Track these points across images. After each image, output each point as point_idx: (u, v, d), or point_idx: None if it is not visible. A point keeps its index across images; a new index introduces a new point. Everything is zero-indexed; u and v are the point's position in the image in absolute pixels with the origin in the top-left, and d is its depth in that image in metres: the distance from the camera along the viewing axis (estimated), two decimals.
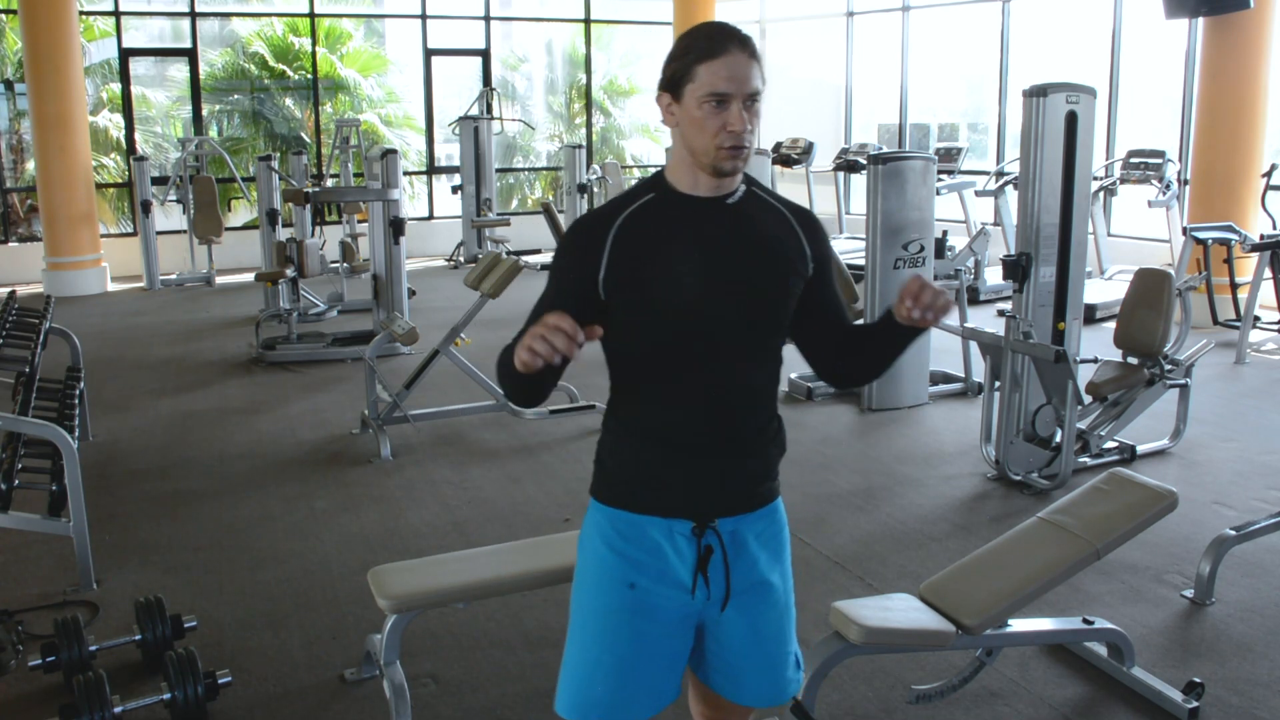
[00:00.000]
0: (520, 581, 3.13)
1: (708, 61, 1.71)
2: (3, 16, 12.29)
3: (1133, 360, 5.23)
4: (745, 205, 1.84)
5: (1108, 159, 10.07)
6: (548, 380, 1.77)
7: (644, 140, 15.91)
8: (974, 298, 8.88)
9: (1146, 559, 4.01)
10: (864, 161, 7.17)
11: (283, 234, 9.30)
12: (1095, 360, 5.33)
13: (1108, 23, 10.39)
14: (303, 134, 13.95)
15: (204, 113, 12.88)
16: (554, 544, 3.29)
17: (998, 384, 4.99)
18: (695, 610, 1.87)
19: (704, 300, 1.78)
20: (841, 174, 12.10)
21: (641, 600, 1.85)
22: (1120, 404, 5.18)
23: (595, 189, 12.34)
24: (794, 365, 6.80)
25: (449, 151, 13.74)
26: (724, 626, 1.90)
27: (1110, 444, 5.20)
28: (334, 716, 3.08)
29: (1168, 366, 5.16)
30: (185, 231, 11.36)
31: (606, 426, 1.94)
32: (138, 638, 3.27)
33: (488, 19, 13.57)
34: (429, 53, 13.36)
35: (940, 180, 8.34)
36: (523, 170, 15.80)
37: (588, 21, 14.27)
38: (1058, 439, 4.90)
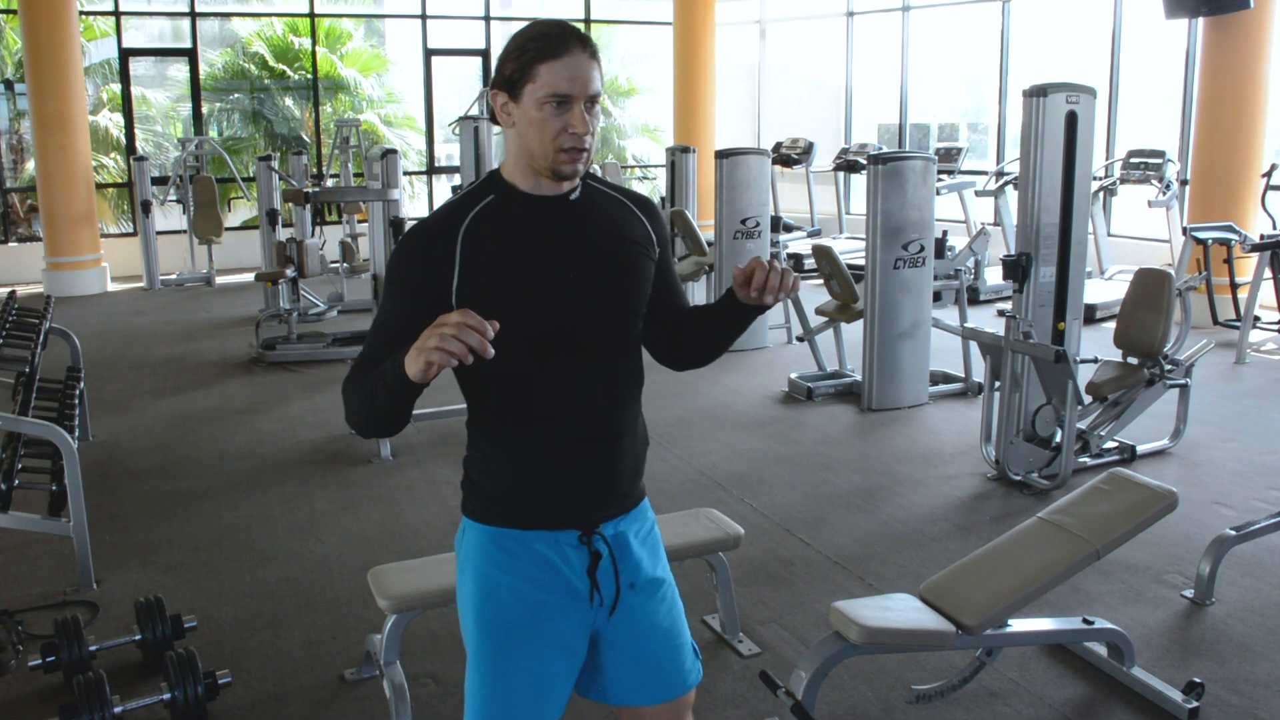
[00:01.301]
0: None
1: (549, 61, 1.65)
2: (3, 17, 12.30)
3: (1133, 360, 5.23)
4: (587, 199, 1.80)
5: (1108, 159, 10.07)
6: (412, 402, 1.65)
7: (644, 140, 15.91)
8: (974, 298, 8.88)
9: (1146, 559, 4.01)
10: (864, 161, 7.17)
11: (283, 234, 9.31)
12: (1095, 360, 5.33)
13: (1108, 23, 10.39)
14: (303, 134, 13.96)
15: (204, 112, 12.88)
16: None
17: (998, 384, 4.99)
18: (589, 619, 1.83)
19: (563, 299, 1.73)
20: (841, 174, 12.10)
21: (536, 611, 1.78)
22: (1120, 404, 5.18)
23: None
24: (794, 365, 6.81)
25: (449, 151, 13.74)
26: (617, 631, 1.85)
27: (1110, 444, 5.20)
28: (334, 716, 3.08)
29: (1168, 366, 5.16)
30: (185, 231, 11.37)
31: (473, 443, 1.85)
32: (138, 638, 3.27)
33: (488, 19, 13.57)
34: (429, 53, 13.36)
35: (940, 180, 8.35)
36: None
37: (588, 21, 14.27)
38: (1058, 439, 4.90)
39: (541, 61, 1.65)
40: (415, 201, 13.78)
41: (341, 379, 1.78)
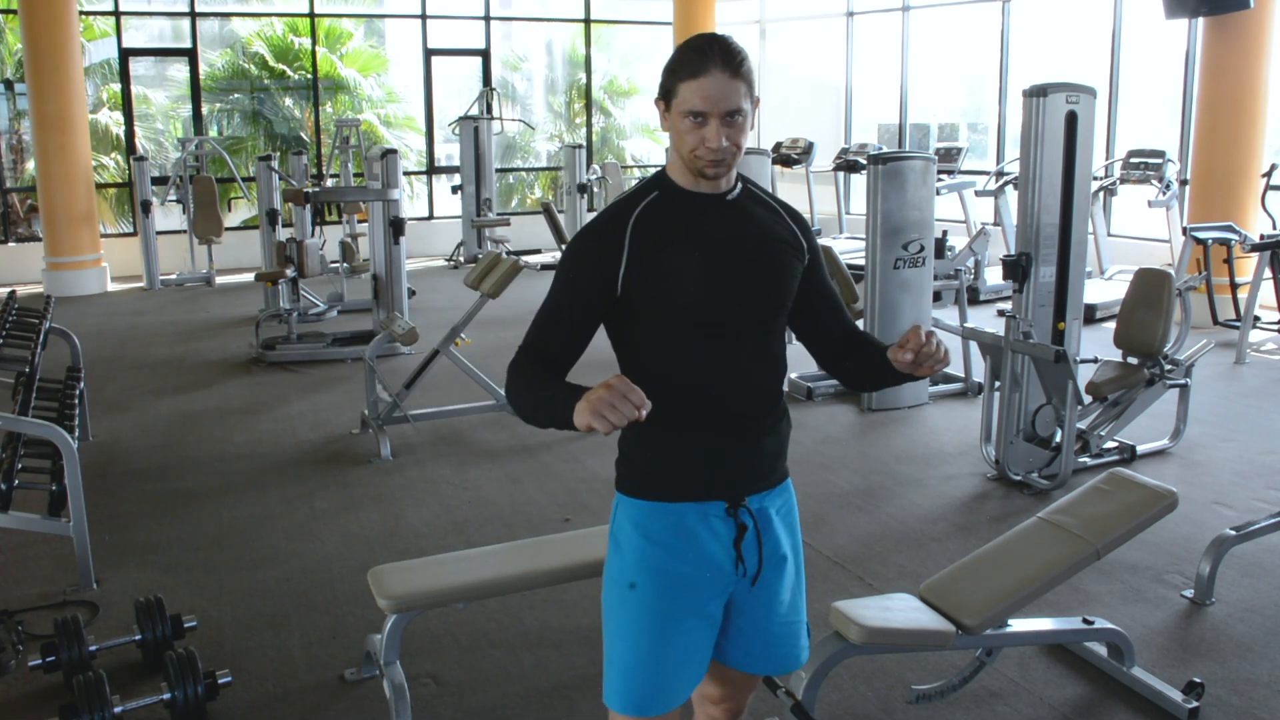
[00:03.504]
0: (520, 581, 3.13)
1: (688, 80, 1.79)
2: (3, 17, 12.30)
3: (1133, 360, 5.23)
4: (743, 200, 1.95)
5: (1108, 159, 10.07)
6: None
7: (644, 140, 15.91)
8: (974, 298, 8.88)
9: (1146, 559, 4.01)
10: (864, 161, 7.17)
11: (283, 234, 9.31)
12: (1095, 360, 5.34)
13: (1108, 23, 10.39)
14: (303, 134, 13.95)
15: (204, 112, 12.88)
16: (554, 544, 3.29)
17: (998, 384, 4.99)
18: (730, 588, 1.95)
19: (716, 289, 1.87)
20: (841, 174, 12.10)
21: (685, 587, 1.91)
22: (1120, 404, 5.18)
23: (595, 189, 12.34)
24: (794, 365, 6.81)
25: (449, 151, 13.74)
26: (750, 601, 1.98)
27: (1110, 444, 5.20)
28: (334, 716, 3.08)
29: (1168, 366, 5.16)
30: (185, 231, 11.36)
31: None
32: (138, 638, 3.27)
33: (488, 19, 13.57)
34: (429, 53, 13.36)
35: (940, 180, 8.34)
36: (523, 170, 15.81)
37: (588, 21, 14.28)
38: (1058, 439, 4.90)
39: (683, 80, 1.80)
40: (415, 202, 13.78)
41: (341, 379, 1.81)
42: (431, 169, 13.72)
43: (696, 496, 1.92)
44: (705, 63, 1.78)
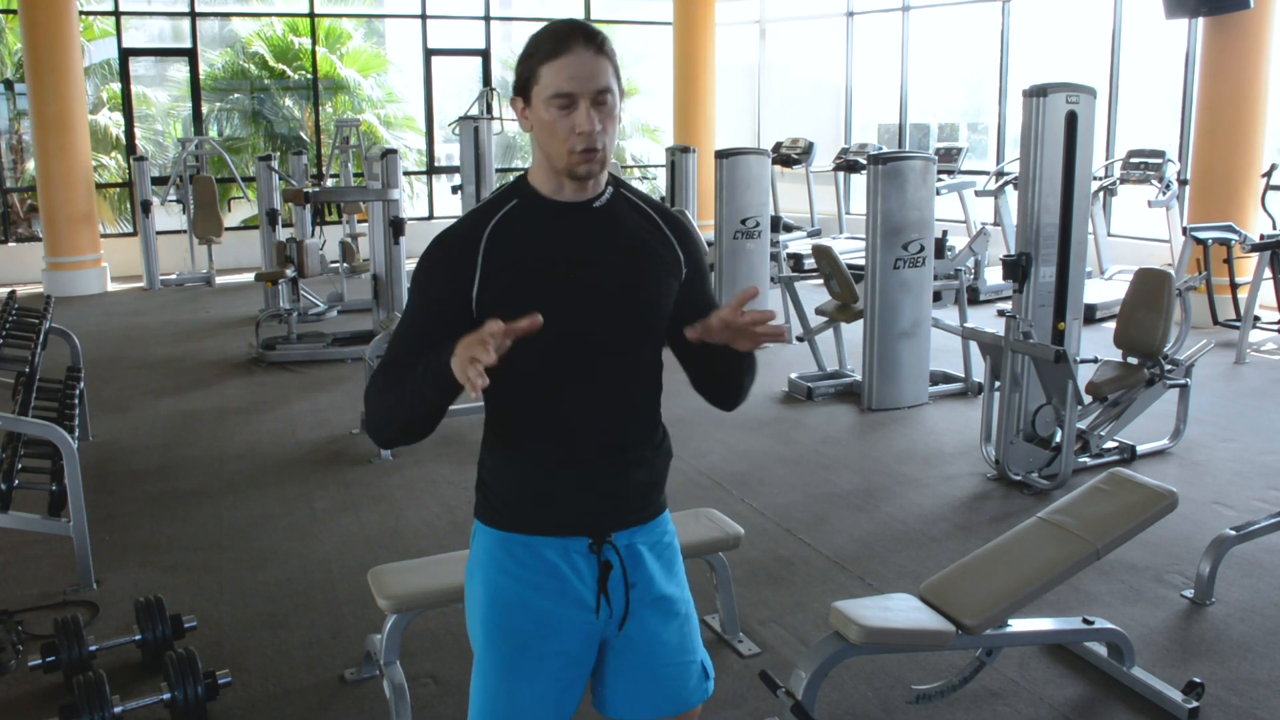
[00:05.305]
0: None
1: (550, 61, 1.63)
2: (3, 16, 12.30)
3: (1133, 360, 5.23)
4: (613, 208, 1.77)
5: (1108, 159, 10.07)
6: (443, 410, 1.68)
7: (644, 140, 15.91)
8: (974, 298, 8.88)
9: (1146, 559, 4.01)
10: (864, 161, 7.17)
11: (283, 234, 9.31)
12: (1095, 360, 5.33)
13: (1108, 23, 10.39)
14: (303, 134, 13.96)
15: (204, 112, 12.88)
16: None
17: (998, 384, 4.99)
18: (598, 630, 1.80)
19: (581, 308, 1.71)
20: (841, 174, 12.10)
21: (543, 622, 1.77)
22: (1120, 404, 5.18)
23: None
24: (794, 366, 6.81)
25: (449, 151, 13.74)
26: (625, 643, 1.83)
27: (1110, 444, 5.20)
28: (334, 716, 3.08)
29: (1168, 366, 5.16)
30: (185, 231, 11.36)
31: (487, 444, 1.84)
32: (138, 638, 3.27)
33: (488, 19, 13.57)
34: (429, 53, 13.36)
35: (940, 180, 8.35)
36: (523, 170, 15.78)
37: (588, 22, 14.26)
38: (1058, 439, 4.90)
39: (544, 63, 1.64)
40: (415, 202, 13.78)
41: (341, 379, 1.79)
42: (431, 169, 13.71)
43: (556, 531, 1.76)
44: (566, 41, 1.63)
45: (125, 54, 12.23)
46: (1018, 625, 2.99)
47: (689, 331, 1.66)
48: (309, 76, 13.35)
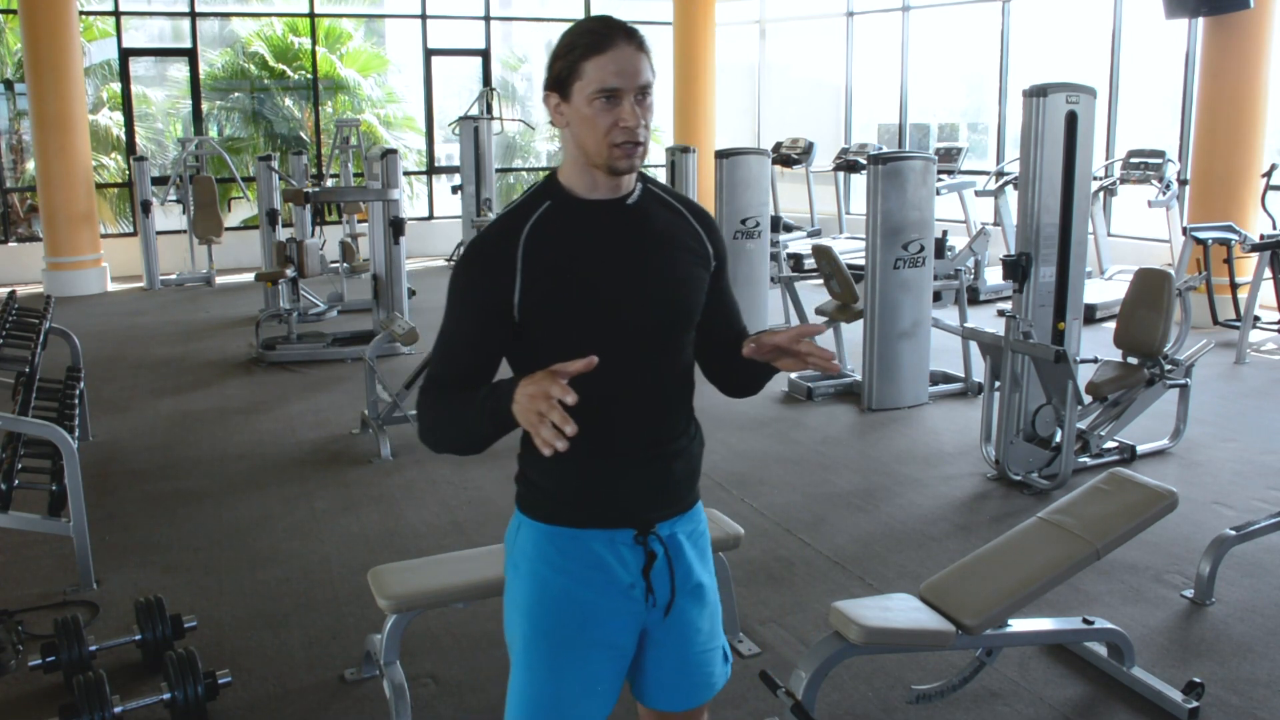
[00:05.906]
0: None
1: (595, 57, 1.65)
2: (3, 17, 12.30)
3: (1133, 360, 5.23)
4: (644, 204, 1.80)
5: (1108, 159, 10.07)
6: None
7: None
8: (974, 298, 8.88)
9: (1146, 559, 4.01)
10: (864, 161, 7.17)
11: (283, 234, 9.31)
12: (1095, 360, 5.33)
13: (1108, 23, 10.39)
14: (303, 134, 13.96)
15: (204, 112, 12.88)
16: None
17: (998, 384, 4.99)
18: (642, 620, 1.84)
19: (620, 309, 1.74)
20: (841, 174, 12.09)
21: (590, 615, 1.79)
22: (1120, 404, 5.18)
23: None
24: None
25: (449, 151, 13.74)
26: (665, 632, 1.87)
27: (1110, 444, 5.20)
28: (334, 716, 3.08)
29: (1168, 366, 5.16)
30: (185, 231, 11.37)
31: (526, 442, 1.81)
32: (138, 638, 3.27)
33: (488, 19, 13.57)
34: (429, 53, 13.36)
35: (940, 180, 8.35)
36: (523, 170, 15.81)
37: None
38: (1058, 439, 4.90)
39: (588, 58, 1.66)
40: (415, 202, 13.78)
41: (341, 379, 1.79)
42: (431, 169, 13.71)
43: (603, 523, 1.79)
44: (610, 38, 1.66)
45: (125, 54, 12.23)
46: (1018, 625, 2.99)
47: (745, 348, 1.74)
48: (309, 76, 13.35)
